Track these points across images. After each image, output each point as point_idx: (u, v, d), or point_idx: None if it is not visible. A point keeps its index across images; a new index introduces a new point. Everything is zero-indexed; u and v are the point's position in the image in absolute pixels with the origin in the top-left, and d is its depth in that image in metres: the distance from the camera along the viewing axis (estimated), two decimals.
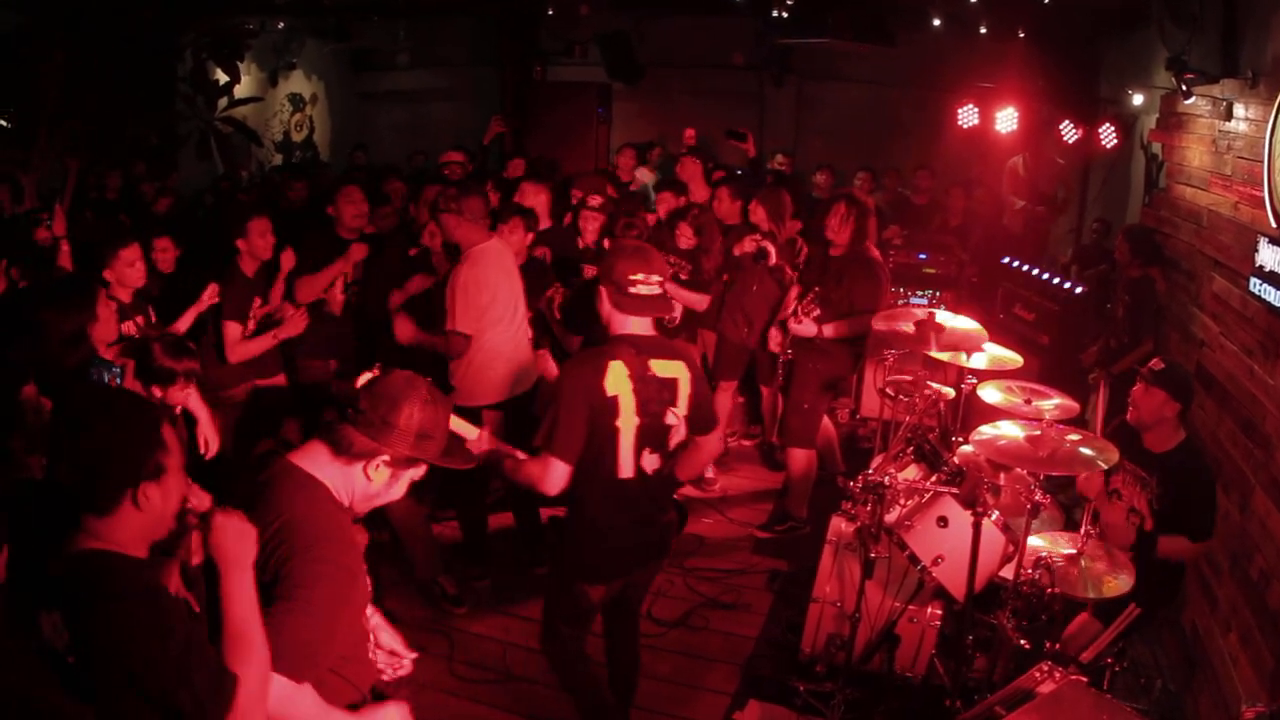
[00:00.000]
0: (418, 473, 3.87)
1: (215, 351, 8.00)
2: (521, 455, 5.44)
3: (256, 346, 8.14)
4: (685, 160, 11.95)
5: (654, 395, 5.35)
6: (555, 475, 5.24)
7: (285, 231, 8.72)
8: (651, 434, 5.41)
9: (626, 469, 5.38)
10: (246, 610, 3.32)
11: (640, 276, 5.33)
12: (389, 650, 4.22)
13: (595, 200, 10.12)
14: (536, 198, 9.75)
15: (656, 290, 5.40)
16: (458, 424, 5.49)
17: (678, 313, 9.67)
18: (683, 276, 9.77)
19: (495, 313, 7.77)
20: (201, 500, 3.53)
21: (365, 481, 3.72)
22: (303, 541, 3.49)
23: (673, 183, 11.40)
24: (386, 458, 3.70)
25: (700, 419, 5.64)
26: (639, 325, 5.44)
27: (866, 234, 8.78)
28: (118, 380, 5.19)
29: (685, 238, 9.85)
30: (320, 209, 9.73)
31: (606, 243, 8.76)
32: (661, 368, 5.40)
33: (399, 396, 3.70)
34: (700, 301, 9.89)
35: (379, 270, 8.90)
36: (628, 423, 5.30)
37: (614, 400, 5.25)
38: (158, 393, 5.72)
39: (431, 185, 9.76)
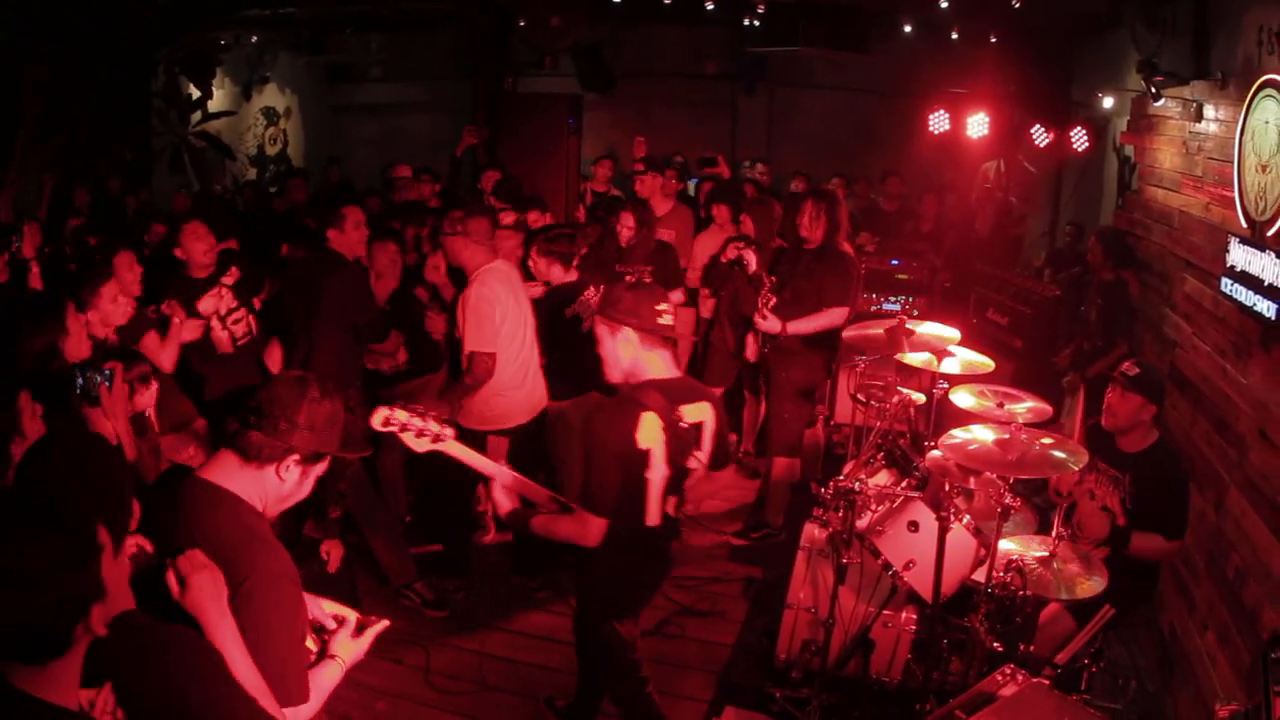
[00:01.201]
0: (323, 467, 3.87)
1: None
2: (548, 503, 5.47)
3: (172, 349, 7.55)
4: (643, 176, 11.91)
5: (685, 445, 5.34)
6: (595, 530, 5.17)
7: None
8: (676, 480, 5.39)
9: (654, 517, 5.32)
10: (247, 663, 3.32)
11: (665, 307, 5.36)
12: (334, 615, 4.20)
13: (508, 218, 9.69)
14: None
15: (673, 321, 5.42)
16: (482, 461, 5.52)
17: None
18: (646, 281, 9.66)
19: (506, 332, 7.70)
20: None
21: (278, 483, 3.73)
22: (236, 571, 3.46)
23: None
24: (297, 456, 3.71)
25: (718, 457, 5.65)
26: (661, 366, 5.40)
27: (839, 226, 8.81)
28: (107, 385, 5.17)
29: (626, 228, 9.90)
30: (313, 212, 9.64)
31: (532, 264, 8.68)
32: (690, 413, 5.35)
33: (296, 395, 3.72)
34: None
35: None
36: (657, 473, 5.22)
37: (646, 453, 5.16)
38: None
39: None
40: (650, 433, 5.13)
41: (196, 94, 16.19)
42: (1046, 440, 5.87)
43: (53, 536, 2.38)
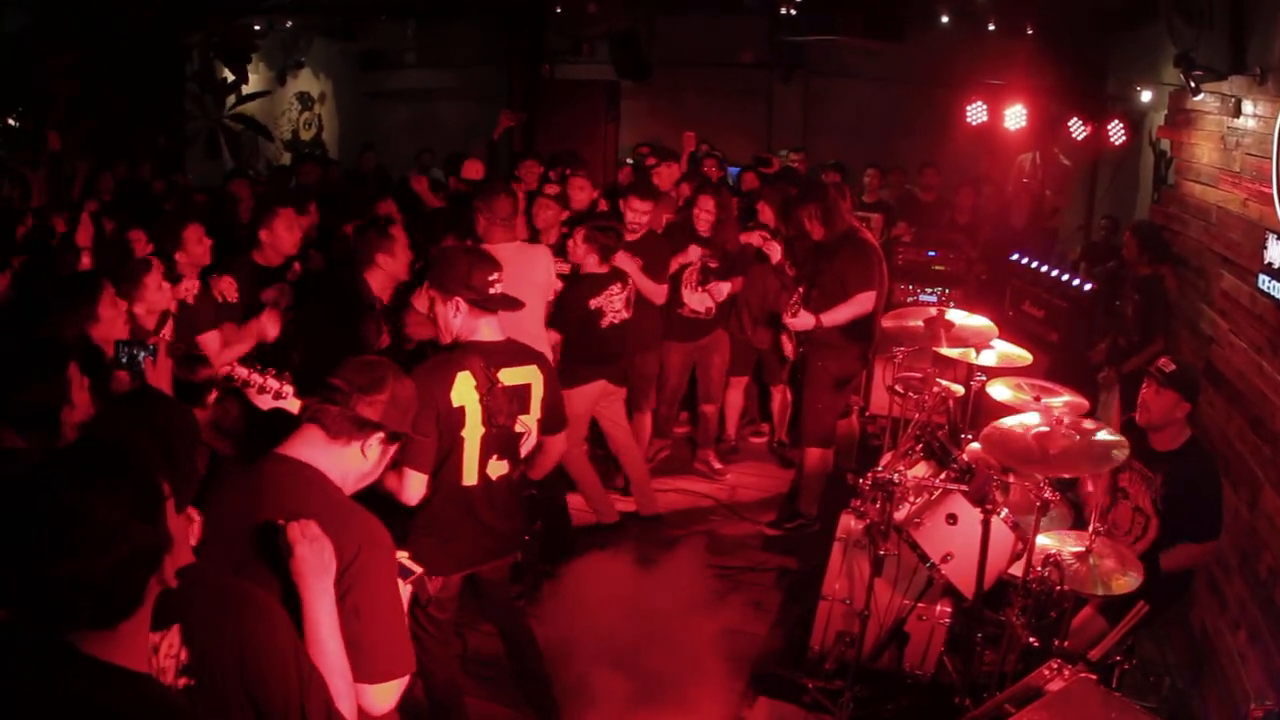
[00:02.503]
0: (395, 450, 3.94)
1: None
2: None
3: (240, 347, 7.26)
4: (657, 168, 11.53)
5: (502, 406, 5.44)
6: (413, 486, 5.22)
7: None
8: (499, 442, 5.53)
9: (470, 477, 5.48)
10: (336, 640, 3.36)
11: (495, 276, 5.45)
12: None
13: (552, 189, 9.65)
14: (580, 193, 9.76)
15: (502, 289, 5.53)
16: None
17: (712, 304, 9.72)
18: (712, 265, 9.71)
19: None
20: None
21: (361, 460, 3.78)
22: (347, 545, 3.48)
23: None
24: (382, 435, 3.77)
25: (551, 421, 5.82)
26: (489, 331, 5.53)
27: (839, 214, 8.78)
28: (152, 359, 5.23)
29: (706, 213, 9.68)
30: (334, 199, 9.60)
31: (572, 244, 8.67)
32: (512, 375, 5.52)
33: (383, 374, 3.81)
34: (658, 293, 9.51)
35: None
36: (473, 432, 5.39)
37: (460, 411, 5.32)
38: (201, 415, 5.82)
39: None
40: (464, 391, 5.31)
41: (232, 78, 16.24)
42: (1089, 424, 5.88)
43: (123, 488, 2.36)
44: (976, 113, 12.89)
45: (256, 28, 16.51)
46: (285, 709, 2.97)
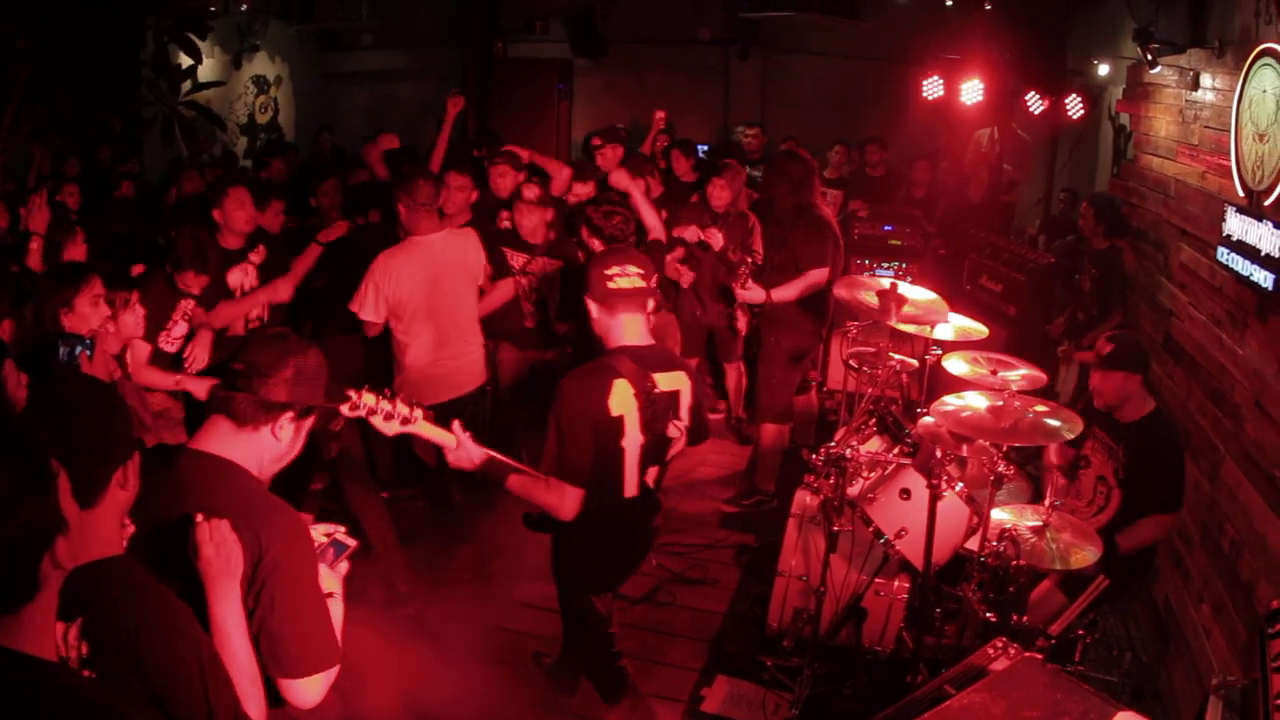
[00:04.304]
0: (311, 422, 3.82)
1: None
2: (529, 472, 5.20)
3: (159, 380, 6.78)
4: (602, 149, 11.11)
5: (660, 412, 5.21)
6: (572, 502, 5.07)
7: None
8: (655, 449, 5.29)
9: (631, 488, 5.26)
10: (242, 639, 3.29)
11: (616, 270, 5.18)
12: None
13: (531, 192, 9.08)
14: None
15: (639, 283, 5.23)
16: (432, 431, 5.10)
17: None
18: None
19: (416, 311, 7.48)
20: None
21: (274, 443, 3.67)
22: (257, 542, 3.40)
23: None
24: (291, 414, 3.67)
25: (697, 430, 5.52)
26: (635, 333, 5.27)
27: (807, 186, 8.74)
28: (88, 354, 5.14)
29: (720, 191, 9.53)
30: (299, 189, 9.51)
31: (552, 234, 8.60)
32: (665, 380, 5.24)
33: (281, 349, 3.69)
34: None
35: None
36: (633, 441, 5.16)
37: (619, 420, 5.09)
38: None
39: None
40: (622, 399, 5.07)
41: (187, 63, 16.11)
42: (1041, 408, 5.83)
43: (9, 461, 2.26)
44: (933, 87, 12.83)
45: (212, 9, 16.37)
46: (188, 706, 2.92)
